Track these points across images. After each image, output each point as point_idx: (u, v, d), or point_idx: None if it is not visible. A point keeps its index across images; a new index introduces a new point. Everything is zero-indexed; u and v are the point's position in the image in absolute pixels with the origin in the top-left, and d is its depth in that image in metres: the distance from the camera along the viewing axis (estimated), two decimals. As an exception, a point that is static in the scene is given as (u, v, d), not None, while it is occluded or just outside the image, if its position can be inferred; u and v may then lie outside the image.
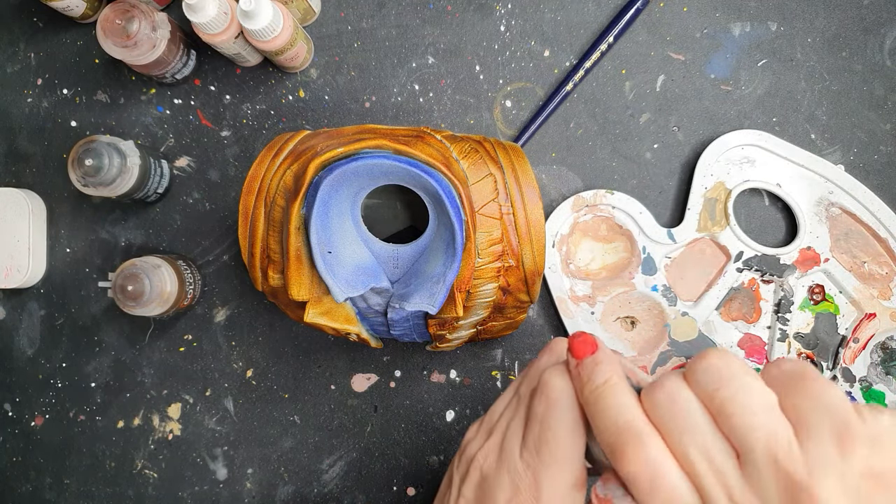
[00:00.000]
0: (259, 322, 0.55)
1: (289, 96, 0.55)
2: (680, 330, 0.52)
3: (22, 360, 0.55)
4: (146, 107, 0.55)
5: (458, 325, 0.45)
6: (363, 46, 0.55)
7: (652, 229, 0.52)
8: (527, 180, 0.44)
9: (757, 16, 0.53)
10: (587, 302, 0.53)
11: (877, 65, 0.53)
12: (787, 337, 0.52)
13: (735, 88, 0.53)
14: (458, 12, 0.54)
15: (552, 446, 0.29)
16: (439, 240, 0.43)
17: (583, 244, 0.53)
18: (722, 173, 0.52)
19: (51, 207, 0.55)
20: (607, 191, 0.52)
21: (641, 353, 0.52)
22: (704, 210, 0.52)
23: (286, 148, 0.45)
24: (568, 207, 0.52)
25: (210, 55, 0.55)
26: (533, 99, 0.54)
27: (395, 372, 0.54)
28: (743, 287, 0.52)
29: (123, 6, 0.48)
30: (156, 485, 0.55)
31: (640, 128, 0.54)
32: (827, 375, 0.51)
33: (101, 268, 0.55)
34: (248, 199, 0.44)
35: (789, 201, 0.52)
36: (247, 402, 0.55)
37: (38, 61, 0.56)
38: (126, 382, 0.55)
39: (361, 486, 0.54)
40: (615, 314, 0.53)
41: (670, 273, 0.53)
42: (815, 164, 0.51)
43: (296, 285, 0.42)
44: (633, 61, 0.54)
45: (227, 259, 0.55)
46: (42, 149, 0.55)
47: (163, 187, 0.54)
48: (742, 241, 0.51)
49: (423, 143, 0.42)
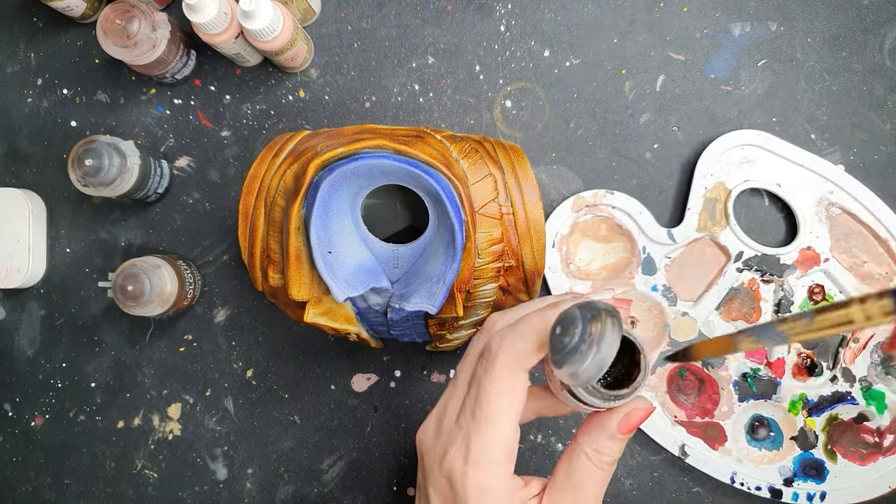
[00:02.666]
0: (259, 322, 0.55)
1: (289, 96, 0.55)
2: (680, 330, 0.52)
3: (22, 360, 0.55)
4: (146, 107, 0.55)
5: (458, 325, 0.45)
6: (363, 46, 0.55)
7: (652, 229, 0.52)
8: (527, 180, 0.44)
9: (757, 16, 0.53)
10: None
11: (877, 65, 0.53)
12: None
13: (735, 88, 0.53)
14: (458, 12, 0.54)
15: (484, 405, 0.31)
16: (439, 240, 0.43)
17: (583, 244, 0.53)
18: (722, 173, 0.52)
19: (51, 207, 0.55)
20: (607, 191, 0.52)
21: None
22: (704, 210, 0.52)
23: (286, 148, 0.45)
24: (568, 207, 0.52)
25: (210, 55, 0.55)
26: (533, 99, 0.54)
27: (395, 372, 0.54)
28: (743, 287, 0.52)
29: (123, 6, 0.48)
30: (156, 485, 0.55)
31: (640, 128, 0.54)
32: (827, 375, 0.51)
33: (101, 268, 0.55)
34: (248, 199, 0.44)
35: (789, 201, 0.52)
36: (247, 402, 0.55)
37: (38, 61, 0.56)
38: (126, 382, 0.55)
39: (361, 486, 0.54)
40: None
41: (670, 273, 0.53)
42: (815, 164, 0.51)
43: (296, 285, 0.42)
44: (633, 61, 0.54)
45: (227, 259, 0.55)
46: (42, 149, 0.55)
47: (163, 187, 0.54)
48: (742, 241, 0.51)
49: (423, 143, 0.42)
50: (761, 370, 0.51)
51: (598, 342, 0.27)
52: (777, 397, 0.51)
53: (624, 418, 0.31)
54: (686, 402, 0.52)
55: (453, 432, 0.32)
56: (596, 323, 0.27)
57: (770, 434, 0.52)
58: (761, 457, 0.51)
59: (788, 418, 0.51)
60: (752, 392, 0.51)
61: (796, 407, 0.51)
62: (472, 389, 0.32)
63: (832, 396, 0.51)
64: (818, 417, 0.51)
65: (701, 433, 0.52)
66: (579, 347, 0.27)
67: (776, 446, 0.51)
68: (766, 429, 0.52)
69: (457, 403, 0.33)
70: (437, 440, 0.33)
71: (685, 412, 0.52)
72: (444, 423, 0.33)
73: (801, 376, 0.51)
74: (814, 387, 0.51)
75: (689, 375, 0.52)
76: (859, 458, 0.51)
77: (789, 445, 0.51)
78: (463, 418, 0.32)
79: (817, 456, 0.51)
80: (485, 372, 0.32)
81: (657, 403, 0.52)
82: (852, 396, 0.51)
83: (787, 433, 0.51)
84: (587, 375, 0.27)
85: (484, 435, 0.31)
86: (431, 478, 0.33)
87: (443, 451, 0.32)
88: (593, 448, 0.31)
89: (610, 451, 0.31)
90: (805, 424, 0.51)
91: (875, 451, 0.50)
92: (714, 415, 0.52)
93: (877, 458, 0.50)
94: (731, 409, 0.51)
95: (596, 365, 0.27)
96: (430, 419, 0.35)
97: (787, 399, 0.51)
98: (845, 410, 0.51)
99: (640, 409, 0.31)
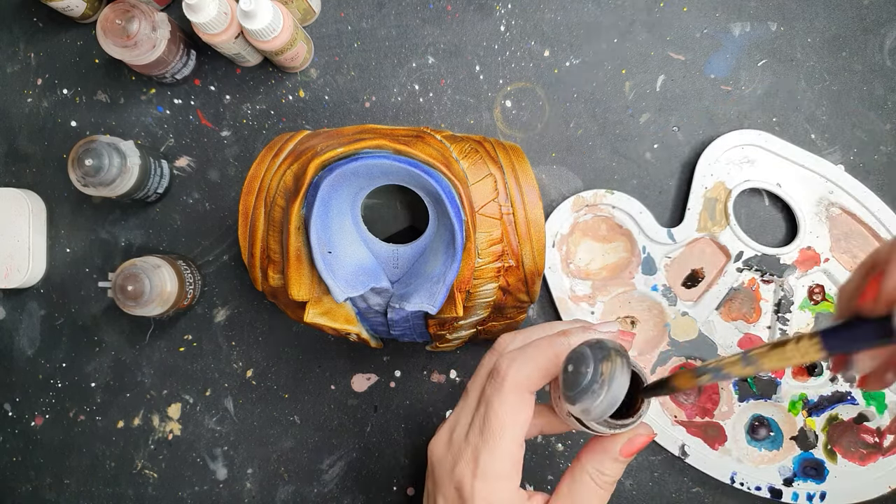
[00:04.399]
0: (259, 322, 0.55)
1: (289, 96, 0.55)
2: (680, 330, 0.52)
3: (22, 360, 0.55)
4: (146, 107, 0.55)
5: (458, 326, 0.45)
6: (363, 46, 0.55)
7: (652, 229, 0.52)
8: (527, 180, 0.44)
9: (757, 16, 0.53)
10: (587, 302, 0.53)
11: (877, 65, 0.53)
12: None
13: (735, 88, 0.53)
14: (458, 12, 0.54)
15: (493, 422, 0.33)
16: (439, 240, 0.43)
17: (583, 244, 0.53)
18: (722, 173, 0.52)
19: (51, 207, 0.55)
20: (607, 191, 0.52)
21: (641, 353, 0.52)
22: (704, 210, 0.52)
23: (286, 148, 0.45)
24: (568, 207, 0.52)
25: (210, 55, 0.55)
26: (533, 99, 0.54)
27: (395, 372, 0.54)
28: (743, 287, 0.52)
29: (123, 6, 0.48)
30: (156, 485, 0.55)
31: (640, 128, 0.54)
32: (827, 376, 0.51)
33: (101, 268, 0.55)
34: (248, 199, 0.44)
35: (789, 201, 0.52)
36: (247, 402, 0.55)
37: (38, 61, 0.56)
38: (126, 382, 0.55)
39: (361, 486, 0.54)
40: (615, 314, 0.53)
41: (670, 273, 0.53)
42: (815, 164, 0.51)
43: (296, 285, 0.42)
44: (633, 61, 0.54)
45: (227, 259, 0.55)
46: (42, 149, 0.55)
47: (163, 187, 0.54)
48: (742, 240, 0.51)
49: (423, 143, 0.42)
50: None
51: (610, 382, 0.28)
52: (777, 397, 0.51)
53: (627, 443, 0.33)
54: (686, 402, 0.52)
55: (463, 446, 0.34)
56: (607, 363, 0.29)
57: (770, 434, 0.52)
58: (761, 457, 0.51)
59: (788, 418, 0.51)
60: (752, 392, 0.51)
61: (796, 407, 0.51)
62: (482, 407, 0.34)
63: (832, 396, 0.51)
64: (818, 417, 0.51)
65: (701, 433, 0.52)
66: (591, 387, 0.29)
67: (776, 446, 0.51)
68: (766, 429, 0.52)
69: (467, 418, 0.35)
70: (448, 452, 0.35)
71: (685, 412, 0.52)
72: (454, 436, 0.35)
73: (801, 376, 0.51)
74: (814, 387, 0.51)
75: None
76: (859, 458, 0.51)
77: (789, 445, 0.51)
78: (472, 434, 0.34)
79: (817, 456, 0.51)
80: (494, 391, 0.34)
81: (657, 403, 0.52)
82: (852, 396, 0.51)
83: (787, 433, 0.51)
84: (599, 412, 0.29)
85: (491, 450, 0.33)
86: (442, 487, 0.35)
87: (453, 463, 0.34)
88: (596, 469, 0.33)
89: (612, 471, 0.33)
90: (805, 424, 0.51)
91: (875, 451, 0.50)
92: (714, 415, 0.52)
93: (877, 458, 0.50)
94: (731, 409, 0.51)
95: (607, 403, 0.29)
96: (443, 431, 0.37)
97: (787, 399, 0.51)
98: (845, 410, 0.51)
99: (642, 436, 0.33)
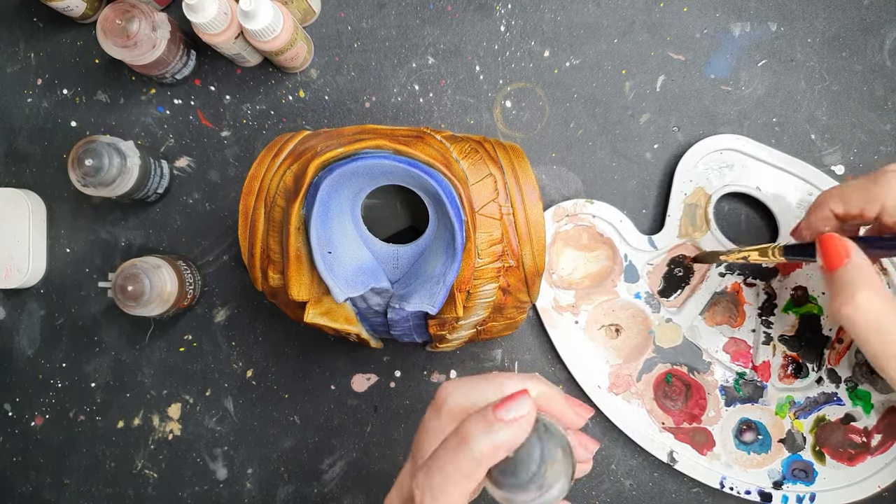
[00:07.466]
0: (259, 322, 0.55)
1: (289, 96, 0.55)
2: (664, 336, 0.52)
3: (22, 360, 0.55)
4: (146, 107, 0.55)
5: (458, 326, 0.46)
6: (363, 46, 0.55)
7: (633, 237, 0.52)
8: (527, 180, 0.44)
9: (757, 16, 0.53)
10: (571, 311, 0.53)
11: (877, 65, 0.53)
12: (771, 339, 0.51)
13: (735, 89, 0.53)
14: (458, 12, 0.54)
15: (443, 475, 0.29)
16: (439, 240, 0.43)
17: (565, 254, 0.53)
18: (701, 179, 0.52)
19: (51, 207, 0.55)
20: (587, 200, 0.52)
21: (627, 361, 0.52)
22: (685, 216, 0.52)
23: (286, 148, 0.45)
24: (549, 217, 0.52)
25: (210, 55, 0.55)
26: (533, 99, 0.54)
27: (395, 372, 0.54)
28: (726, 291, 0.52)
29: (123, 6, 0.48)
30: (156, 485, 0.55)
31: (640, 128, 0.54)
32: (813, 377, 0.51)
33: (101, 268, 0.55)
34: (248, 199, 0.44)
35: (769, 204, 0.51)
36: (247, 402, 0.55)
37: (38, 61, 0.56)
38: (126, 382, 0.55)
39: (361, 486, 0.54)
40: (599, 323, 0.53)
41: (653, 280, 0.52)
42: (793, 166, 0.51)
43: (296, 285, 0.42)
44: (633, 61, 0.54)
45: (227, 259, 0.55)
46: (42, 149, 0.55)
47: (163, 187, 0.54)
48: (723, 245, 0.51)
49: (423, 143, 0.42)
50: (747, 374, 0.51)
51: (549, 487, 0.26)
52: (764, 400, 0.51)
53: None
54: (673, 408, 0.52)
55: None
56: (553, 465, 0.26)
57: (758, 437, 0.52)
58: (750, 460, 0.51)
59: (776, 421, 0.51)
60: (738, 396, 0.51)
61: (783, 409, 0.51)
62: None
63: (819, 398, 0.51)
64: (805, 419, 0.51)
65: (689, 439, 0.52)
66: (528, 486, 0.26)
67: (764, 449, 0.51)
68: (753, 432, 0.52)
69: None
70: None
71: (672, 418, 0.52)
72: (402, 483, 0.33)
73: (788, 379, 0.51)
74: (800, 389, 0.51)
75: (675, 381, 0.52)
76: (848, 458, 0.51)
77: (777, 448, 0.51)
78: None
79: (806, 458, 0.51)
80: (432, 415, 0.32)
81: (644, 411, 0.52)
82: (838, 397, 0.51)
83: (775, 436, 0.51)
84: None
85: None
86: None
87: None
88: None
89: None
90: (793, 427, 0.51)
91: (863, 451, 0.50)
92: (701, 420, 0.52)
93: (865, 458, 0.50)
94: (719, 414, 0.51)
95: None
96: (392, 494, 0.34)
97: (774, 402, 0.51)
98: (832, 411, 0.51)
99: None
